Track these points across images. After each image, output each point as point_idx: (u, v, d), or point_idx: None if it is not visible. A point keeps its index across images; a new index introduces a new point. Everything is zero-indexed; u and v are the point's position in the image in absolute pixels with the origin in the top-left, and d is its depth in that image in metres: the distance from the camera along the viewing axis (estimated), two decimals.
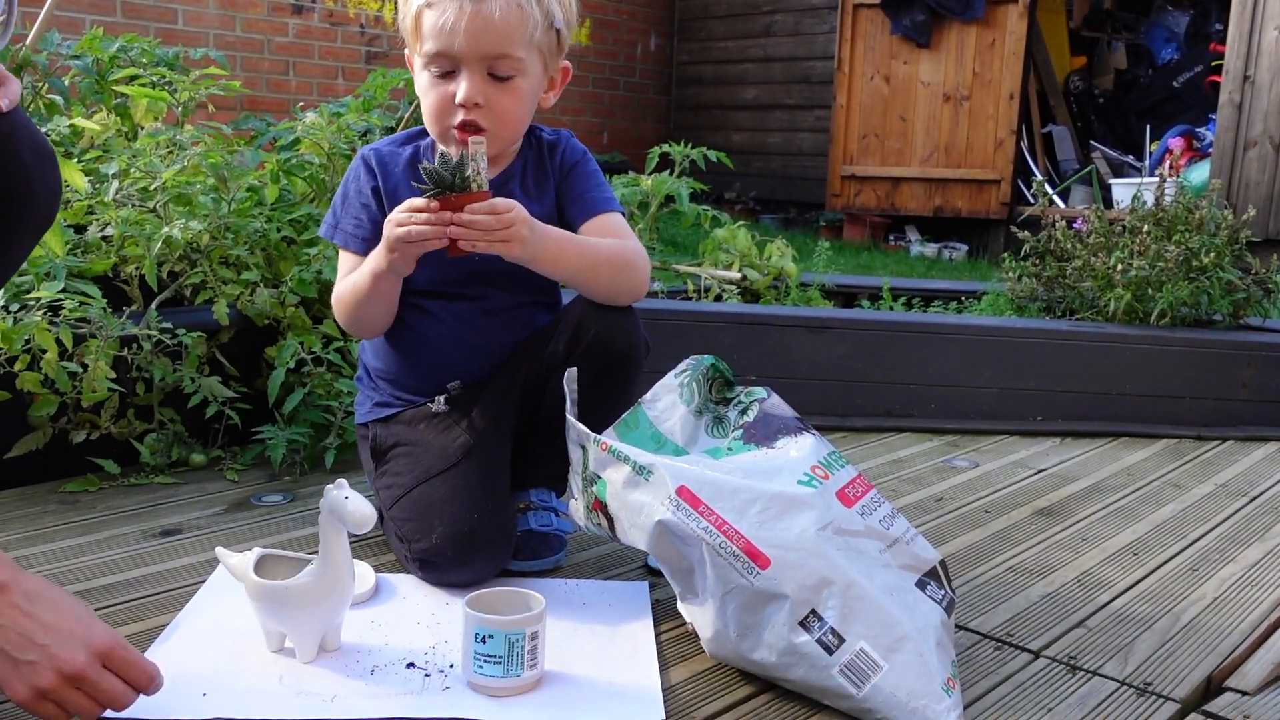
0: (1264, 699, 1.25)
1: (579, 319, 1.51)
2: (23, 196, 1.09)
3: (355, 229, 1.54)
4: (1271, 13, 5.11)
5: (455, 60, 1.42)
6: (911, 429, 2.51)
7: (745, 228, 3.21)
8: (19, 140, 1.07)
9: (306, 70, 6.63)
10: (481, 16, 1.39)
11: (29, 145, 1.08)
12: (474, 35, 1.40)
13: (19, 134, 1.07)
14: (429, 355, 1.56)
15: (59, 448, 1.86)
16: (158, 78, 2.52)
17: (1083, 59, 7.18)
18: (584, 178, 1.58)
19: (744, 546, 1.18)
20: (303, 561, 1.25)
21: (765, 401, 1.36)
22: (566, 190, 1.57)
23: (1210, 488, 2.12)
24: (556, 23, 1.47)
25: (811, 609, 1.16)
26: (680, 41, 8.66)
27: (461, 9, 1.39)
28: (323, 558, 1.19)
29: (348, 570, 1.21)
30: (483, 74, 1.43)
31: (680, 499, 1.21)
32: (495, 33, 1.40)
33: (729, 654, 1.23)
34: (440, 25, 1.39)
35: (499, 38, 1.41)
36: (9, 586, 0.96)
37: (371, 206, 1.53)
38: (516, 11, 1.41)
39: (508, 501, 1.51)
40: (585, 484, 1.33)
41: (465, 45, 1.40)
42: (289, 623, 1.20)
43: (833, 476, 1.26)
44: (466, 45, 1.40)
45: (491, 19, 1.40)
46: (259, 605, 1.21)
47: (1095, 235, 2.90)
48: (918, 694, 1.12)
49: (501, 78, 1.44)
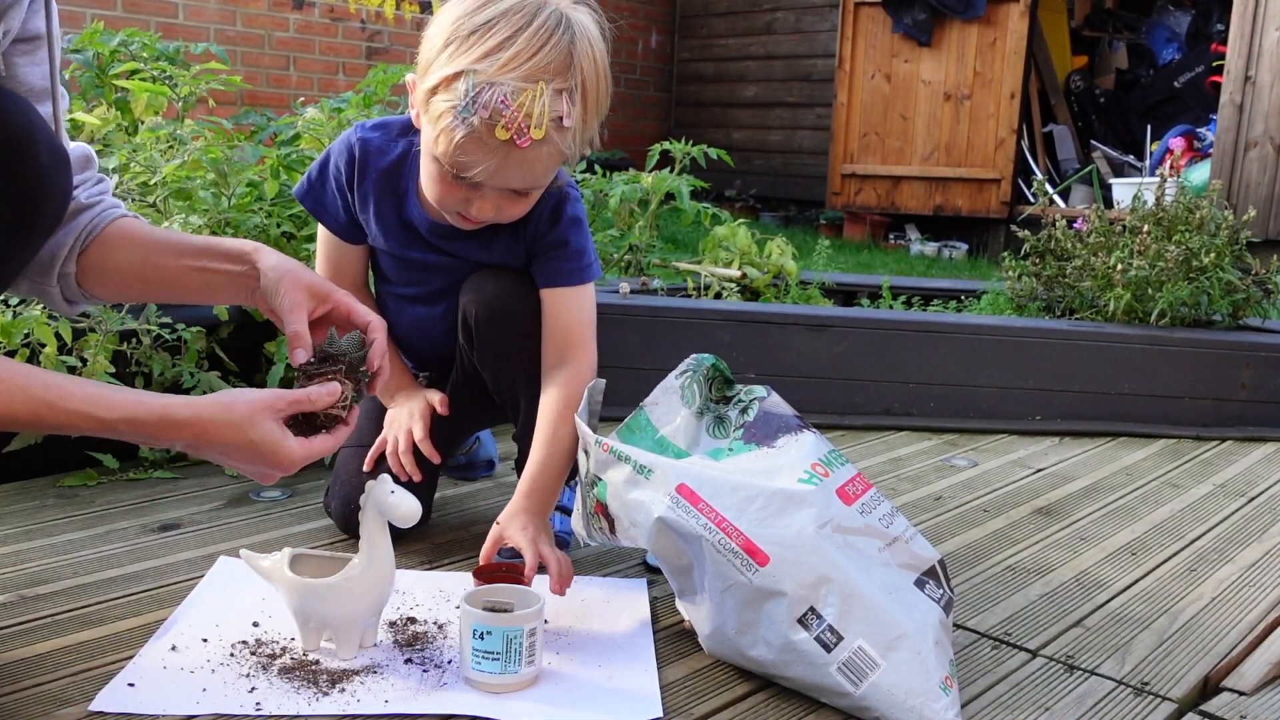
0: (1261, 699, 1.25)
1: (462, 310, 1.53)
2: (38, 197, 1.11)
3: (338, 217, 1.54)
4: (1273, 13, 5.11)
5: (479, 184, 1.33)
6: (910, 428, 2.51)
7: (745, 225, 3.21)
8: (37, 142, 1.09)
9: (307, 65, 6.63)
10: (523, 164, 1.29)
11: (46, 147, 1.10)
12: (509, 179, 1.31)
13: (37, 136, 1.09)
14: (402, 344, 1.65)
15: (57, 442, 1.86)
16: (158, 72, 2.52)
17: (1084, 58, 7.18)
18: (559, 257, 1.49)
19: (743, 543, 1.18)
20: (337, 560, 1.25)
21: (765, 400, 1.36)
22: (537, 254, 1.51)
23: (1209, 488, 2.12)
24: (594, 141, 1.37)
25: (810, 606, 1.16)
26: (681, 39, 8.66)
27: (507, 158, 1.27)
28: (366, 553, 1.19)
29: (390, 565, 1.21)
30: (502, 192, 1.34)
31: (680, 496, 1.21)
32: (531, 176, 1.33)
33: (727, 651, 1.23)
34: (475, 161, 1.28)
35: (532, 179, 1.34)
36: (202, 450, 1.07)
37: (345, 206, 1.53)
38: (557, 158, 1.32)
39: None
40: (586, 489, 1.33)
41: (495, 182, 1.31)
42: (334, 620, 1.20)
43: (833, 474, 1.25)
44: (496, 182, 1.31)
45: (531, 168, 1.31)
46: (300, 604, 1.20)
47: (1095, 235, 2.90)
48: (915, 692, 1.12)
49: (521, 193, 1.36)
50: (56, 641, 1.25)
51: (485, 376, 1.57)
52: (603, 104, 1.35)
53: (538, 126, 1.24)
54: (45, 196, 1.11)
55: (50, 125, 1.13)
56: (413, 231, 1.52)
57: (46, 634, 1.27)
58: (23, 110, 1.08)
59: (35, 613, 1.32)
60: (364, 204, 1.51)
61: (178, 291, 1.28)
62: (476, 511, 1.79)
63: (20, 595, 1.38)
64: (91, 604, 1.36)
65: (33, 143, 1.08)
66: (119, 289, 1.27)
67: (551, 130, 1.26)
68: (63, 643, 1.24)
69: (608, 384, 1.45)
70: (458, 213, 1.38)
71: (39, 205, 1.11)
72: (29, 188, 1.09)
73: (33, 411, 0.99)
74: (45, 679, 1.16)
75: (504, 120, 1.23)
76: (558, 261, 1.49)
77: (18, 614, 1.32)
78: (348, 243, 1.57)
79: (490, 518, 1.74)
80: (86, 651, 1.22)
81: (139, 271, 1.24)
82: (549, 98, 1.24)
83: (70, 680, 1.16)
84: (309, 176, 1.55)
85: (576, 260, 1.50)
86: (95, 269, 1.23)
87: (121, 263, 1.24)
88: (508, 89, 1.23)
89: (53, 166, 1.11)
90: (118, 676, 1.15)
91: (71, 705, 1.10)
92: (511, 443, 1.69)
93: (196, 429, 1.05)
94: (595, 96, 1.32)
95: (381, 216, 1.51)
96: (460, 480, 1.94)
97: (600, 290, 2.61)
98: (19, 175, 1.07)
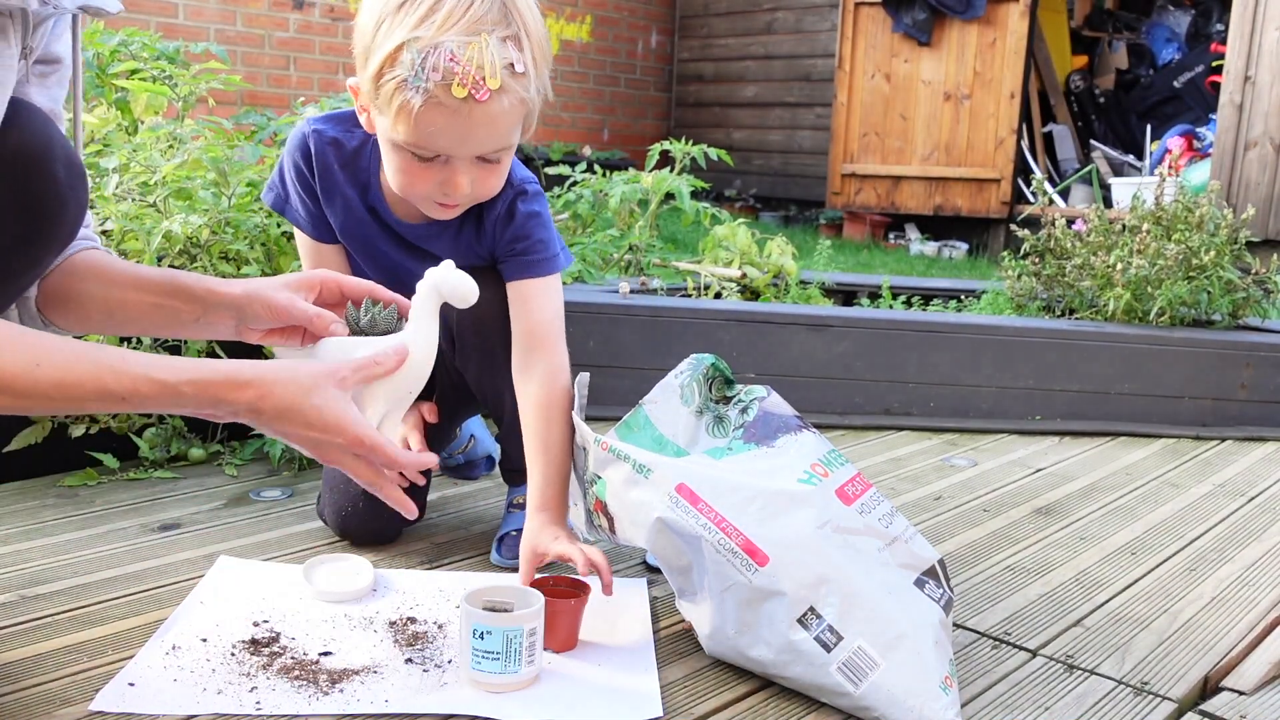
0: (1261, 699, 1.25)
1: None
2: (54, 210, 1.11)
3: (307, 216, 1.49)
4: (1273, 13, 5.11)
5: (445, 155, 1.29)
6: (910, 427, 2.51)
7: (745, 225, 3.21)
8: (54, 156, 1.09)
9: (307, 65, 6.63)
10: (487, 121, 1.24)
11: (63, 160, 1.11)
12: (479, 142, 1.27)
13: (54, 150, 1.09)
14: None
15: (58, 442, 1.86)
16: (158, 72, 2.52)
17: (1084, 58, 7.19)
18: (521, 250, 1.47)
19: (743, 543, 1.18)
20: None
21: (765, 400, 1.36)
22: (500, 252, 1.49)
23: (1208, 488, 2.12)
24: (547, 93, 1.33)
25: (810, 606, 1.16)
26: (681, 39, 8.66)
27: (469, 116, 1.23)
28: (410, 336, 1.16)
29: (431, 351, 1.17)
30: (475, 163, 1.31)
31: (679, 496, 1.21)
32: (499, 135, 1.28)
33: (727, 651, 1.23)
34: (442, 129, 1.24)
35: (500, 138, 1.29)
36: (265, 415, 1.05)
37: (309, 203, 1.49)
38: (519, 109, 1.27)
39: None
40: (586, 486, 1.33)
41: (464, 149, 1.28)
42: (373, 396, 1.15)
43: (832, 474, 1.26)
44: (464, 149, 1.27)
45: (496, 124, 1.26)
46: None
47: (1095, 234, 2.90)
48: (915, 692, 1.12)
49: (491, 160, 1.32)
50: (56, 641, 1.25)
51: (468, 376, 1.58)
52: (547, 48, 1.32)
53: (493, 76, 1.21)
54: (61, 208, 1.12)
55: (67, 139, 1.14)
56: (380, 223, 1.49)
57: (46, 634, 1.27)
58: (41, 123, 1.09)
59: (35, 613, 1.32)
60: (329, 197, 1.47)
61: (144, 326, 1.26)
62: (476, 512, 1.79)
63: (20, 595, 1.38)
64: (91, 604, 1.36)
65: (50, 156, 1.09)
66: (81, 319, 1.24)
67: (506, 78, 1.22)
68: (63, 643, 1.24)
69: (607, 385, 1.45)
70: (435, 202, 1.35)
71: (55, 217, 1.12)
72: (45, 200, 1.10)
73: (96, 379, 0.97)
74: (45, 679, 1.16)
75: (458, 78, 1.20)
76: (520, 255, 1.47)
77: (18, 614, 1.32)
78: (323, 242, 1.52)
79: (490, 518, 1.75)
80: (86, 651, 1.23)
81: (102, 304, 1.23)
82: (496, 46, 1.21)
83: (70, 680, 1.16)
84: (272, 180, 1.51)
85: (540, 251, 1.47)
86: (58, 296, 1.22)
87: (84, 293, 1.22)
88: (453, 44, 1.20)
89: (69, 179, 1.11)
90: (118, 676, 1.15)
91: (71, 705, 1.10)
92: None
93: (260, 389, 1.03)
94: (539, 40, 1.28)
95: (348, 208, 1.48)
96: (460, 480, 1.94)
97: (600, 290, 2.61)
98: (36, 187, 1.08)
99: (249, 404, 1.04)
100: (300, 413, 1.05)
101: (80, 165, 1.15)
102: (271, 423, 1.06)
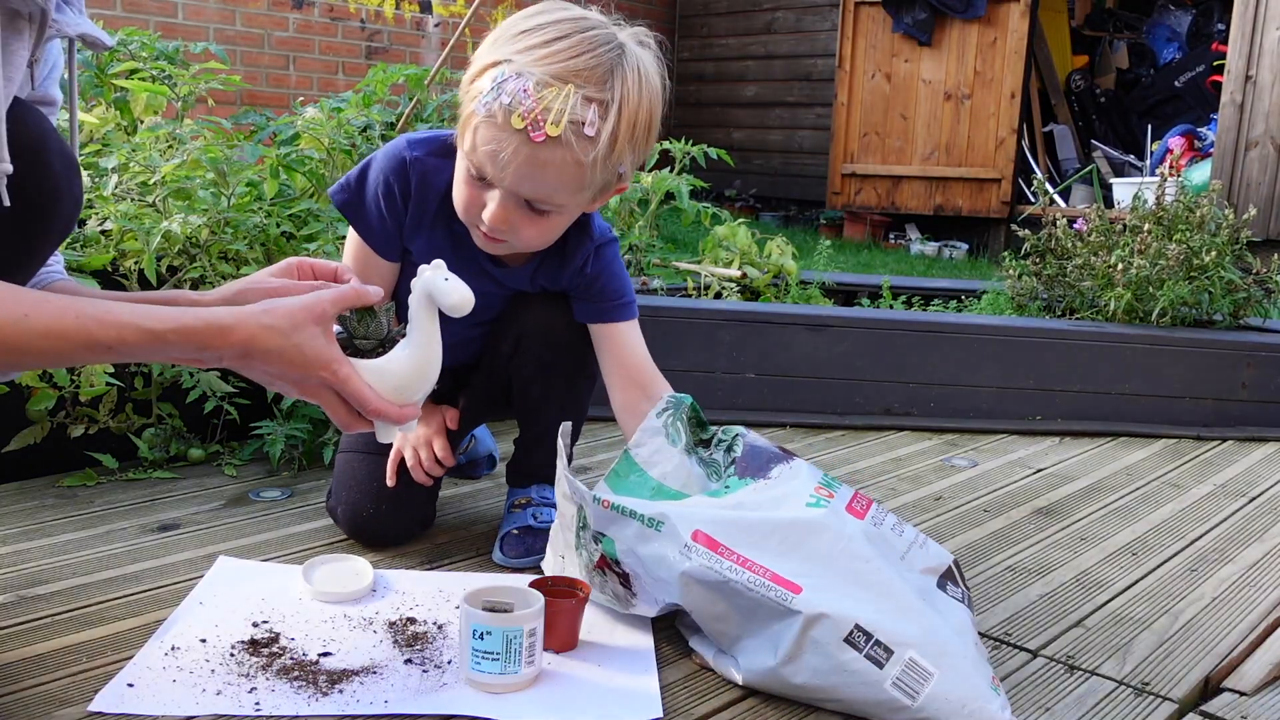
0: (1262, 699, 1.25)
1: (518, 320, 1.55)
2: (49, 204, 1.12)
3: (381, 233, 1.47)
4: (1274, 13, 5.11)
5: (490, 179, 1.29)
6: (911, 428, 2.51)
7: (745, 225, 3.21)
8: (50, 149, 1.10)
9: (307, 65, 6.63)
10: (535, 164, 1.24)
11: (58, 154, 1.11)
12: (520, 178, 1.26)
13: (50, 143, 1.10)
14: None
15: (57, 442, 1.85)
16: (158, 72, 2.52)
17: (1084, 58, 7.19)
18: (601, 296, 1.52)
19: (772, 577, 1.17)
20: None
21: (746, 436, 1.38)
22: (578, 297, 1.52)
23: (1209, 488, 2.12)
24: (622, 171, 1.34)
25: (855, 624, 1.13)
26: (681, 38, 8.65)
27: (518, 150, 1.23)
28: (413, 338, 1.16)
29: (436, 352, 1.17)
30: (516, 202, 1.30)
31: (697, 544, 1.20)
32: (543, 184, 1.27)
33: (770, 683, 1.19)
34: (491, 151, 1.25)
35: (545, 188, 1.28)
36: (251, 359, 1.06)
37: (389, 223, 1.46)
38: (573, 170, 1.26)
39: (409, 506, 1.59)
40: (585, 540, 1.31)
41: (508, 182, 1.27)
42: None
43: (837, 495, 1.26)
44: (509, 182, 1.27)
45: (543, 171, 1.25)
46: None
47: (1096, 234, 2.89)
48: (970, 697, 1.10)
49: (537, 210, 1.31)
50: (56, 641, 1.25)
51: (515, 381, 1.57)
52: (643, 138, 1.30)
53: (554, 123, 1.21)
54: (56, 201, 1.12)
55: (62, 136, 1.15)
56: (466, 252, 1.46)
57: (46, 634, 1.26)
58: (35, 117, 1.10)
59: (35, 613, 1.32)
60: (417, 223, 1.46)
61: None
62: (476, 512, 1.79)
63: (20, 595, 1.37)
64: (91, 604, 1.36)
65: (44, 149, 1.09)
66: None
67: (570, 134, 1.22)
68: (62, 643, 1.24)
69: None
70: (478, 228, 1.34)
71: (51, 210, 1.12)
72: (41, 193, 1.10)
73: (81, 329, 0.97)
74: (45, 679, 1.16)
75: (522, 109, 1.21)
76: (601, 300, 1.51)
77: (18, 614, 1.32)
78: (382, 257, 1.50)
79: (490, 517, 1.75)
80: (86, 651, 1.22)
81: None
82: (576, 101, 1.21)
83: (70, 680, 1.15)
84: (348, 183, 1.47)
85: (623, 296, 1.53)
86: None
87: None
88: (535, 79, 1.21)
89: (64, 172, 1.12)
90: (117, 676, 1.15)
91: (71, 705, 1.10)
92: (510, 443, 1.69)
93: (244, 334, 1.04)
94: (633, 125, 1.27)
95: (435, 236, 1.46)
96: (460, 479, 1.94)
97: None
98: (31, 180, 1.08)
99: (235, 349, 1.05)
100: (283, 353, 1.06)
101: (74, 158, 1.15)
102: (256, 364, 1.08)
